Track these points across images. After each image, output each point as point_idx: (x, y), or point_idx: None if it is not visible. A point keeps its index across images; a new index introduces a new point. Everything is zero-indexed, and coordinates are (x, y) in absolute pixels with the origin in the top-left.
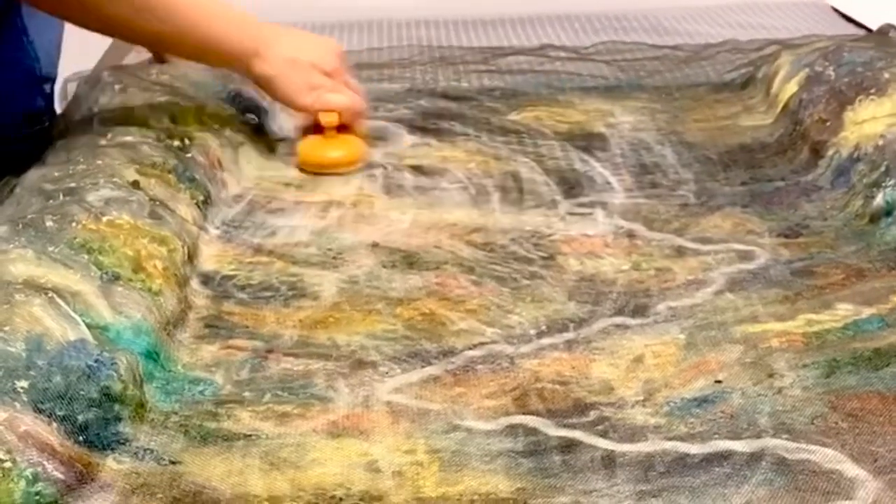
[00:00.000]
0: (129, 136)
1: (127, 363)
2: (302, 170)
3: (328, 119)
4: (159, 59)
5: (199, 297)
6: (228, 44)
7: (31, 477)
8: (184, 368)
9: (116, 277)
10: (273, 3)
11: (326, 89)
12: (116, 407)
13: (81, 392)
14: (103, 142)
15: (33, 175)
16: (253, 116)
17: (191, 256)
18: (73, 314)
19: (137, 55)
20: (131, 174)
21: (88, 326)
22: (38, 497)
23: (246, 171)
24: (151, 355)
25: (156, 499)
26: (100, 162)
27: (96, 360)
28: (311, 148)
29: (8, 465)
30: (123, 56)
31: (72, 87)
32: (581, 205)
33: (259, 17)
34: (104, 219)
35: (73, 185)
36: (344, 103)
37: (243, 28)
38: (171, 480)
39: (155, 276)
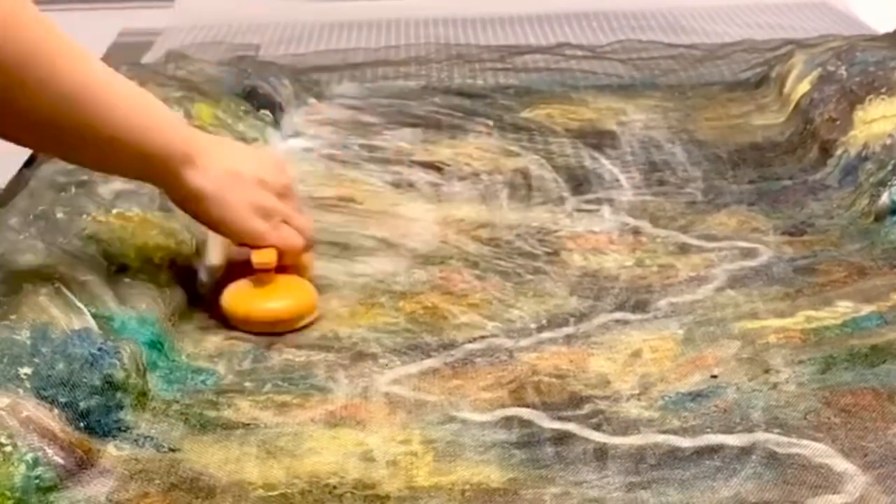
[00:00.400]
0: None
1: (130, 352)
2: (229, 324)
3: (264, 259)
4: None
5: (206, 289)
6: (154, 145)
7: (31, 461)
8: (187, 358)
9: (123, 269)
10: (288, 5)
11: (282, 216)
12: (118, 395)
13: (84, 379)
14: None
15: (47, 168)
16: (267, 112)
17: (199, 249)
18: (78, 304)
19: (153, 54)
20: None
21: (94, 316)
22: (37, 481)
23: None
24: (155, 345)
25: (153, 485)
26: None
27: (100, 349)
28: (243, 296)
29: (9, 448)
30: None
31: None
32: (588, 201)
33: (275, 17)
34: (114, 211)
35: (85, 178)
36: (300, 241)
37: (173, 128)
38: (169, 467)
39: (162, 268)
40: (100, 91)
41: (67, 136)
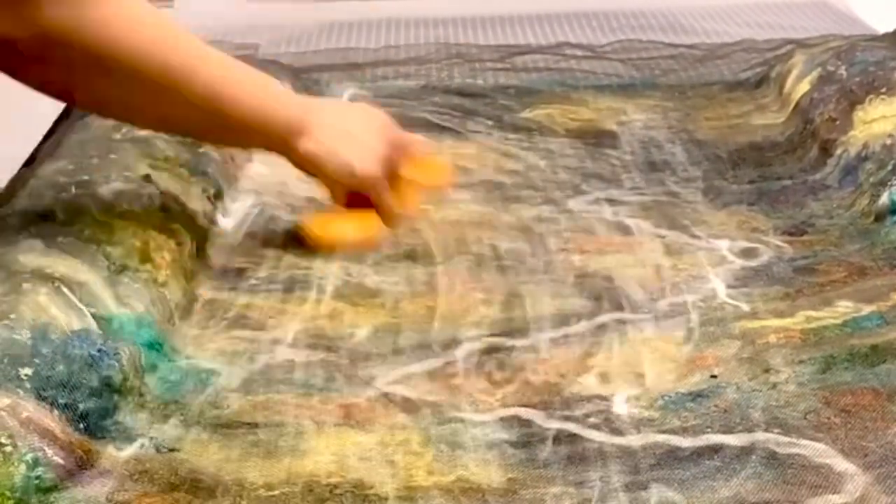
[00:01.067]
0: (143, 130)
1: (129, 353)
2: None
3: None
4: None
5: (207, 289)
6: (274, 123)
7: (31, 462)
8: (187, 359)
9: (123, 268)
10: (287, 5)
11: (386, 163)
12: (117, 396)
13: (84, 381)
14: (117, 136)
15: (48, 168)
16: None
17: (200, 249)
18: (78, 304)
19: None
20: (143, 168)
21: (93, 316)
22: (37, 481)
23: (259, 166)
24: (154, 346)
25: (153, 485)
26: (113, 156)
27: (99, 350)
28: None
29: (9, 449)
30: None
31: None
32: (589, 202)
33: (275, 17)
34: (114, 211)
35: (85, 178)
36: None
37: (288, 104)
38: (169, 467)
39: (162, 268)
40: (230, 85)
41: (197, 127)
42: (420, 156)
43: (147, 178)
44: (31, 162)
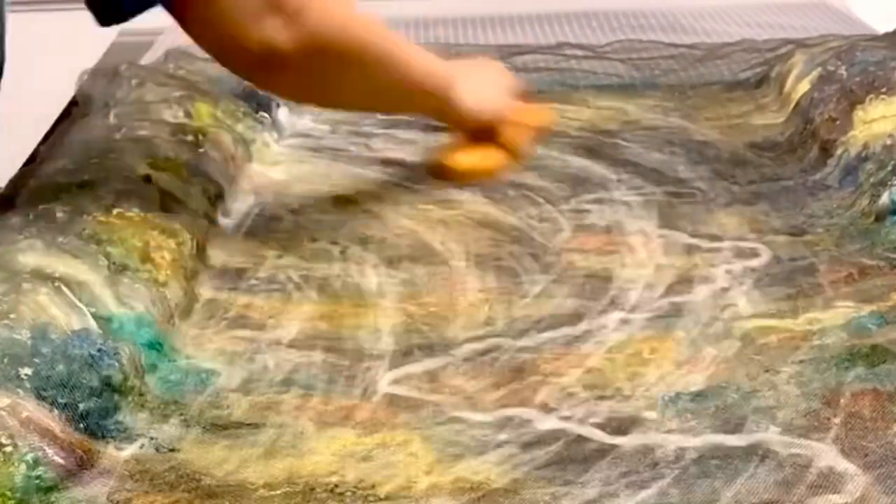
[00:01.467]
0: (143, 130)
1: (129, 353)
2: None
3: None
4: None
5: (207, 289)
6: (432, 82)
7: (31, 461)
8: (187, 359)
9: (123, 268)
10: None
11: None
12: (117, 396)
13: (83, 381)
14: (117, 136)
15: (48, 168)
16: (265, 115)
17: (200, 249)
18: (78, 303)
19: (153, 54)
20: (143, 168)
21: (93, 316)
22: (38, 481)
23: (258, 166)
24: (154, 346)
25: (153, 484)
26: (113, 155)
27: (99, 350)
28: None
29: (9, 449)
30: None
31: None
32: (589, 201)
33: None
34: (114, 211)
35: (85, 177)
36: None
37: (438, 64)
38: (169, 467)
39: (162, 268)
40: (409, 56)
41: (379, 98)
42: (526, 104)
43: (147, 178)
44: (31, 162)
